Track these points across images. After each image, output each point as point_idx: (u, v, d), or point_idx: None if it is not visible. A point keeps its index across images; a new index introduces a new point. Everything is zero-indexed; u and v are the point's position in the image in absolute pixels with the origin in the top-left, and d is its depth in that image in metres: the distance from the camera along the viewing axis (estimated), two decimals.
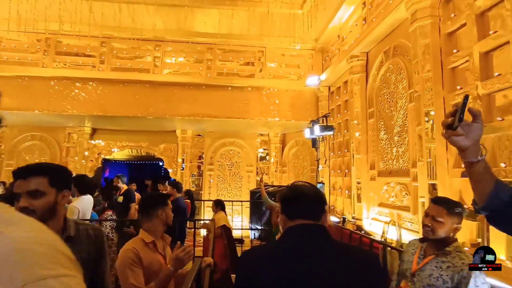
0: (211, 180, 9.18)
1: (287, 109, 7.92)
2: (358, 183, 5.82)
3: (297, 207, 1.27)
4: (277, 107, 7.89)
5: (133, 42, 7.56)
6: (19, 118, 7.91)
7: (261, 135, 9.57)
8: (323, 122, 6.07)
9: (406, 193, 4.67)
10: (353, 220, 5.84)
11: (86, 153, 8.67)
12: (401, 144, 4.84)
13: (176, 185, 5.52)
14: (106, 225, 4.11)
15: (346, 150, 6.69)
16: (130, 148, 9.13)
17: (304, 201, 1.27)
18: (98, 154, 8.79)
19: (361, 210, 5.76)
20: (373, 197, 5.56)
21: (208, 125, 8.56)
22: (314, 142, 6.84)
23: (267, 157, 9.53)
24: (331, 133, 5.84)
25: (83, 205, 3.49)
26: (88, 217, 3.60)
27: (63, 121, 8.23)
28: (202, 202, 8.79)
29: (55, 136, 8.71)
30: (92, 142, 8.85)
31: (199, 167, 9.29)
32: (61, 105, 7.30)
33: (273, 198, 6.62)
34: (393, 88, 5.12)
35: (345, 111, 6.83)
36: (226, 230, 4.93)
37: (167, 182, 5.98)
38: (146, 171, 12.77)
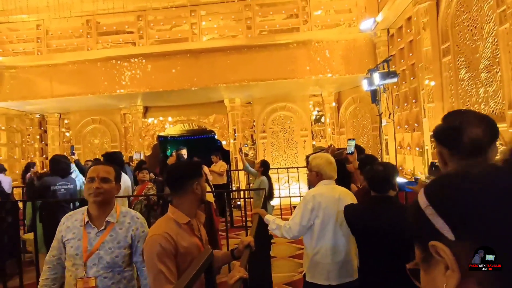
0: (265, 149, 8.67)
1: (340, 63, 6.88)
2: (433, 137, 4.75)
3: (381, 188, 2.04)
4: (328, 62, 6.90)
5: (168, 11, 7.09)
6: (78, 104, 8.17)
7: (314, 96, 8.66)
8: (383, 69, 5.02)
9: (501, 143, 3.58)
10: (427, 181, 4.87)
11: (142, 132, 8.73)
12: (491, 81, 3.68)
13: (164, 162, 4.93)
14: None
15: (414, 101, 5.56)
16: (182, 123, 8.99)
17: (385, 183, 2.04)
18: (153, 131, 8.80)
19: None
20: None
21: (255, 91, 7.93)
22: (374, 96, 5.79)
23: (322, 119, 8.65)
24: (395, 80, 4.79)
25: None
26: None
27: (116, 102, 8.30)
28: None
29: (113, 118, 8.91)
30: (147, 120, 8.86)
31: (252, 136, 8.81)
32: (110, 86, 7.26)
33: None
34: (476, 11, 3.87)
35: (410, 54, 5.62)
36: (208, 205, 4.01)
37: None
38: (203, 144, 12.74)
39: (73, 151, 4.23)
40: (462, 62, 4.20)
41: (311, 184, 2.53)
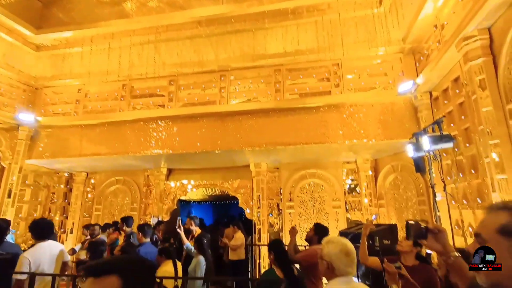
0: (292, 220, 7.51)
1: (376, 127, 6.02)
2: None
3: None
4: (363, 126, 6.07)
5: (198, 75, 6.89)
6: (104, 164, 7.80)
7: (347, 162, 7.67)
8: (433, 132, 4.06)
9: None
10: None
11: (163, 195, 8.03)
12: None
13: (143, 228, 4.02)
14: None
15: (472, 171, 4.43)
16: (204, 187, 8.21)
17: None
18: (174, 195, 8.07)
19: None
20: None
21: (283, 156, 7.14)
22: (419, 165, 4.72)
23: (357, 189, 7.50)
24: (450, 144, 3.79)
25: (36, 255, 2.41)
26: (48, 270, 2.45)
27: (141, 164, 7.83)
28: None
29: (136, 179, 8.39)
30: (170, 183, 8.22)
31: (278, 205, 7.77)
32: (136, 147, 6.87)
33: (371, 241, 4.68)
34: None
35: (462, 117, 4.66)
36: None
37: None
38: (228, 211, 11.75)
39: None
40: None
41: (323, 276, 2.01)
